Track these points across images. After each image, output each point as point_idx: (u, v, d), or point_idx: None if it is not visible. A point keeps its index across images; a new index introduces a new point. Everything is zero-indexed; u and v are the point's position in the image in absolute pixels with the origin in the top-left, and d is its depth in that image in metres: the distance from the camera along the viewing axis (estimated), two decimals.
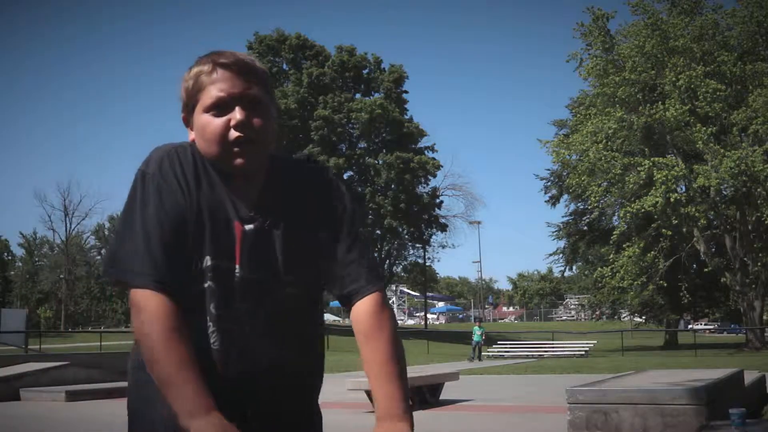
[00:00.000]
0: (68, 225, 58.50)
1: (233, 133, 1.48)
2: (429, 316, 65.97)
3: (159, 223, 1.44)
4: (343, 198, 1.61)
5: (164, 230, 1.44)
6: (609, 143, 31.21)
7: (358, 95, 48.86)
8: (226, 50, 1.55)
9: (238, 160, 1.49)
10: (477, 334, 27.25)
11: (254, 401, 1.48)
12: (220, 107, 1.49)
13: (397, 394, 1.45)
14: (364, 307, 1.54)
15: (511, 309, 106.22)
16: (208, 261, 1.46)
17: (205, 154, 1.52)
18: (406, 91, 49.60)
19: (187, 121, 1.57)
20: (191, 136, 1.56)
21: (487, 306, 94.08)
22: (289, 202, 1.56)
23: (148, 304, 1.39)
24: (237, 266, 1.48)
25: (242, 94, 1.49)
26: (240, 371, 1.47)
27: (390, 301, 1.59)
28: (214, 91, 1.49)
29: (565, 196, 43.05)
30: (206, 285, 1.46)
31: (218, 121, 1.49)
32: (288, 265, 1.52)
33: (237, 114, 1.48)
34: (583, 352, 28.71)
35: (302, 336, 1.56)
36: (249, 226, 1.50)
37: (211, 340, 1.46)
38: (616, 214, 35.73)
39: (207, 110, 1.50)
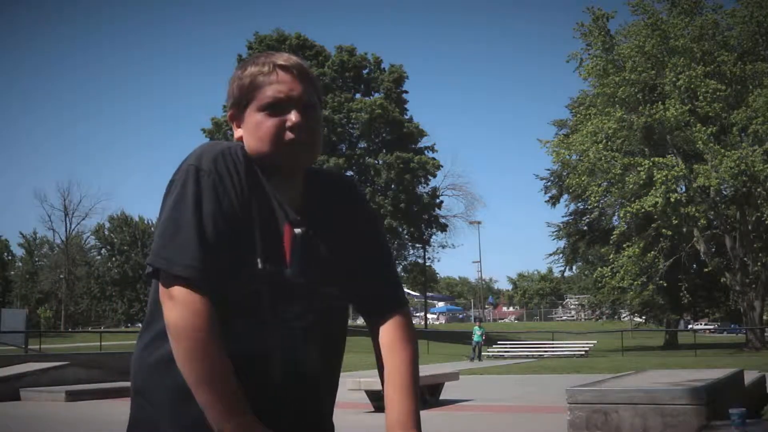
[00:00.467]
0: (68, 225, 58.62)
1: (289, 135, 1.49)
2: (429, 316, 65.99)
3: (214, 222, 1.42)
4: (374, 215, 1.67)
5: (219, 229, 1.42)
6: (609, 143, 31.22)
7: (358, 95, 48.86)
8: (282, 52, 1.58)
9: (290, 161, 1.50)
10: (477, 334, 27.32)
11: (298, 406, 1.49)
12: (276, 108, 1.50)
13: (413, 410, 1.53)
14: (392, 323, 1.59)
15: (511, 309, 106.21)
16: (259, 263, 1.46)
17: (254, 153, 1.52)
18: (406, 91, 49.62)
19: (234, 118, 1.57)
20: (238, 133, 1.56)
21: (487, 306, 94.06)
22: (327, 210, 1.58)
23: (192, 300, 1.37)
24: (287, 269, 1.48)
25: (300, 98, 1.51)
26: (287, 375, 1.47)
27: None
28: (271, 92, 1.50)
29: (565, 196, 43.07)
30: (257, 287, 1.45)
31: (273, 121, 1.49)
32: (332, 270, 1.54)
33: (293, 116, 1.49)
34: (583, 352, 28.73)
35: (338, 342, 1.60)
36: (298, 230, 1.51)
37: (261, 343, 1.45)
38: (616, 214, 35.74)
39: (262, 109, 1.51)
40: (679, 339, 41.55)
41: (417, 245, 51.56)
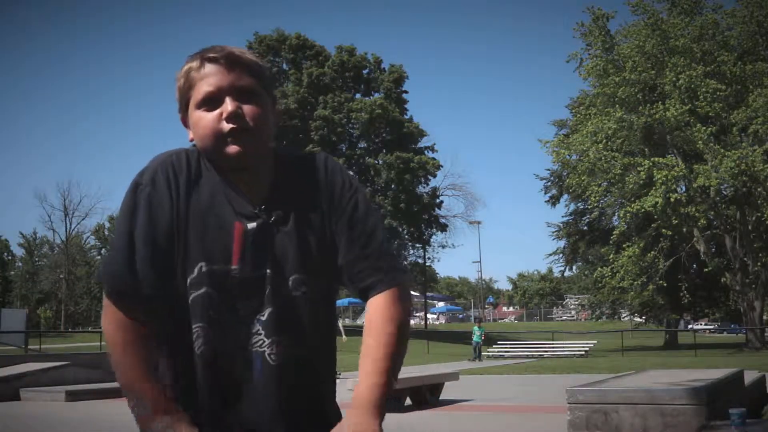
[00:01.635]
0: (68, 225, 58.54)
1: (225, 125, 1.47)
2: (429, 316, 65.95)
3: (145, 236, 1.45)
4: (348, 185, 1.58)
5: (150, 243, 1.45)
6: (609, 143, 31.21)
7: (358, 95, 48.86)
8: (215, 45, 1.54)
9: (232, 148, 1.47)
10: (477, 334, 27.32)
11: (263, 402, 1.46)
12: (211, 101, 1.49)
13: (379, 390, 1.44)
14: (377, 301, 1.52)
15: (511, 309, 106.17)
16: (203, 267, 1.46)
17: (202, 151, 1.52)
18: (406, 91, 49.61)
19: (185, 121, 1.57)
20: (190, 135, 1.55)
21: (486, 306, 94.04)
22: (297, 197, 1.54)
23: (113, 312, 1.46)
24: (236, 267, 1.47)
25: (231, 86, 1.49)
26: (252, 370, 1.46)
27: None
28: (204, 87, 1.49)
29: (565, 196, 43.07)
30: (202, 291, 1.46)
31: (210, 115, 1.48)
32: (297, 260, 1.50)
33: (228, 105, 1.47)
34: (583, 352, 28.72)
35: (314, 334, 1.53)
36: (251, 224, 1.49)
37: (220, 343, 1.46)
38: (616, 214, 35.73)
39: (199, 106, 1.50)
40: (679, 339, 41.53)
41: (417, 245, 51.56)
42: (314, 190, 1.56)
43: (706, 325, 59.77)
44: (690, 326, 51.32)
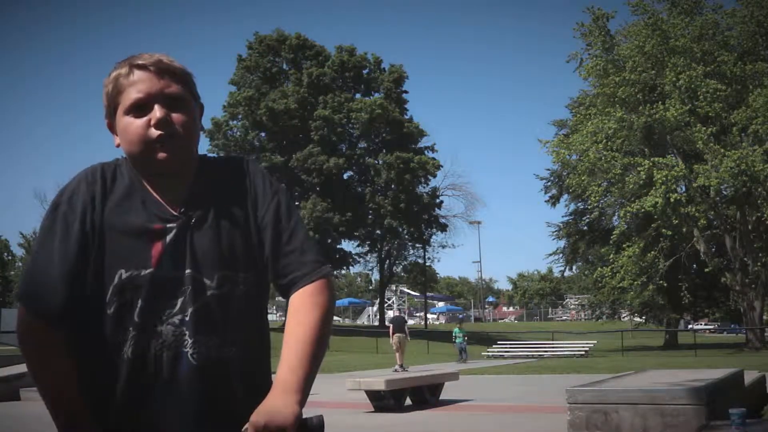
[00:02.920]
0: None
1: (153, 132, 1.49)
2: (429, 316, 65.94)
3: (64, 253, 1.47)
4: (273, 190, 1.59)
5: (67, 260, 1.47)
6: (609, 143, 31.20)
7: (358, 95, 48.84)
8: (143, 53, 1.55)
9: (161, 155, 1.49)
10: (459, 337, 26.29)
11: (188, 403, 1.46)
12: (140, 108, 1.50)
13: (300, 373, 1.42)
14: (300, 292, 1.52)
15: (511, 309, 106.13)
16: (122, 274, 1.47)
17: (129, 156, 1.54)
18: (406, 91, 49.62)
19: (111, 127, 1.58)
20: (116, 141, 1.56)
21: (486, 306, 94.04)
22: (217, 198, 1.55)
23: (27, 328, 1.50)
24: (153, 270, 1.48)
25: (160, 93, 1.50)
26: (178, 371, 1.46)
27: (391, 300, 1.54)
28: (132, 93, 1.50)
29: (565, 196, 43.07)
30: (126, 297, 1.47)
31: (139, 122, 1.50)
32: (218, 258, 1.51)
33: (156, 112, 1.49)
34: (583, 352, 28.72)
35: (239, 333, 1.52)
36: (170, 225, 1.50)
37: (144, 346, 1.46)
38: (616, 214, 35.73)
39: (127, 112, 1.51)
40: (679, 339, 41.53)
41: (417, 245, 51.56)
42: (236, 191, 1.57)
43: (706, 325, 59.76)
44: (690, 326, 51.31)
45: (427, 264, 53.83)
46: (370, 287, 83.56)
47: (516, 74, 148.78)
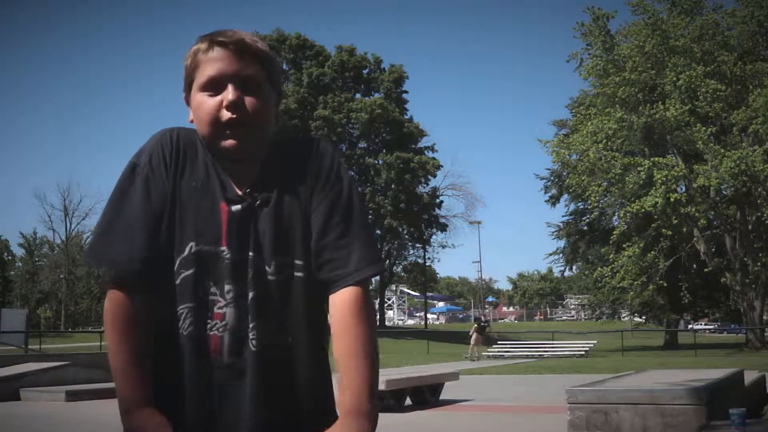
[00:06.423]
0: (68, 225, 58.50)
1: (225, 114, 1.44)
2: (429, 316, 65.95)
3: (145, 218, 1.43)
4: (337, 176, 1.51)
5: (148, 225, 1.43)
6: (609, 143, 31.22)
7: (358, 95, 48.86)
8: (228, 29, 1.50)
9: (229, 142, 1.45)
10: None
11: (246, 387, 1.43)
12: (214, 86, 1.45)
13: (365, 391, 1.39)
14: (344, 296, 1.45)
15: (511, 309, 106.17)
16: (193, 247, 1.44)
17: (200, 134, 1.49)
18: (406, 91, 49.66)
19: (188, 101, 1.53)
20: (190, 116, 1.52)
21: (486, 306, 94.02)
22: (284, 180, 1.50)
23: (112, 297, 1.42)
24: (224, 248, 1.44)
25: (236, 74, 1.45)
26: (230, 356, 1.43)
27: (391, 300, 1.51)
28: (208, 69, 1.46)
29: (565, 196, 43.09)
30: (192, 271, 1.44)
31: (211, 101, 1.45)
32: (274, 245, 1.46)
33: (229, 94, 1.44)
34: (583, 352, 28.72)
35: (295, 322, 1.47)
36: (236, 207, 1.46)
37: (198, 326, 1.43)
38: (616, 214, 35.75)
39: (202, 89, 1.47)
40: (679, 339, 41.55)
41: (417, 245, 51.63)
42: (302, 174, 1.51)
43: (706, 325, 59.75)
44: (690, 326, 51.31)
45: (427, 264, 53.89)
46: (371, 287, 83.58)
47: (516, 74, 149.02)
